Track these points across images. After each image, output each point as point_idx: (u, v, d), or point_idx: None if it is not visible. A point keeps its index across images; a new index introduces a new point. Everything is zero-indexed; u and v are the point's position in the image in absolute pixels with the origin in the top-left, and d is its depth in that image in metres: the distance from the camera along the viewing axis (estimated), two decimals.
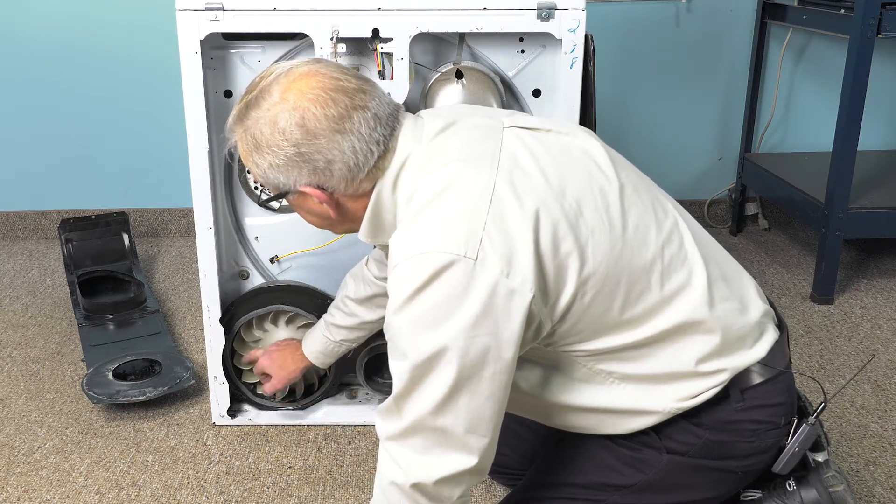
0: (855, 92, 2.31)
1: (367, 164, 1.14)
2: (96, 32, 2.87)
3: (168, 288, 2.67)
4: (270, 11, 1.60)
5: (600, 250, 1.11)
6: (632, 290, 1.13)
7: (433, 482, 1.10)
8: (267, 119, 1.13)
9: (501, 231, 1.06)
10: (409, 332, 1.06)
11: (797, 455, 1.24)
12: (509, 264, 1.05)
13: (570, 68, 1.64)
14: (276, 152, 1.13)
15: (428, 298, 1.04)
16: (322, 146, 1.11)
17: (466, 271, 1.03)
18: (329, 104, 1.11)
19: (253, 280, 1.87)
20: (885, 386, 2.04)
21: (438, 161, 1.14)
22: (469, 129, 1.19)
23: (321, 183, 1.15)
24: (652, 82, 2.97)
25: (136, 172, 3.05)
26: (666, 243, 1.17)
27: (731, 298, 1.20)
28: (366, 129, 1.12)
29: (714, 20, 2.91)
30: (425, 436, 1.10)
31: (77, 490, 1.70)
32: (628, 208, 1.16)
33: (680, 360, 1.17)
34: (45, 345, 2.29)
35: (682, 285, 1.16)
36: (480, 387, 1.07)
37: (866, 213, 2.45)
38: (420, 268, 1.04)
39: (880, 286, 2.60)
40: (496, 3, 1.60)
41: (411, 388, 1.08)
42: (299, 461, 1.78)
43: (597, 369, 1.19)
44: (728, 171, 3.09)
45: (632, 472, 1.24)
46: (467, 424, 1.09)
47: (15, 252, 2.98)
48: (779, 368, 1.21)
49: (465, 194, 1.09)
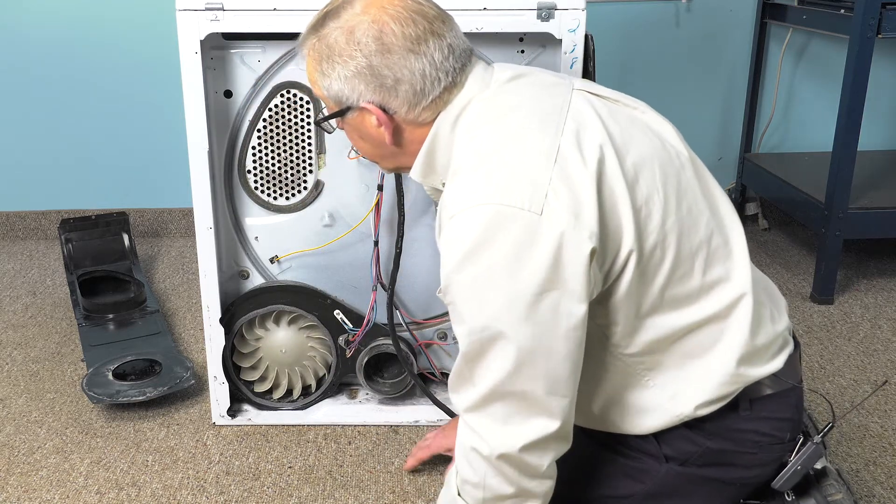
0: (855, 92, 2.31)
1: (433, 93, 1.12)
2: (96, 32, 2.87)
3: (168, 288, 2.67)
4: (270, 11, 1.60)
5: (654, 220, 1.09)
6: (675, 271, 1.11)
7: (519, 450, 1.08)
8: (345, 28, 1.12)
9: (568, 187, 1.03)
10: (470, 292, 1.03)
11: (799, 473, 1.23)
12: (577, 217, 1.02)
13: (570, 68, 1.64)
14: (346, 62, 1.11)
15: (491, 255, 1.01)
16: (394, 63, 1.10)
17: (532, 225, 1.01)
18: (409, 23, 1.10)
19: (253, 280, 1.87)
20: (885, 386, 2.04)
21: (504, 110, 1.12)
22: (538, 86, 1.17)
23: (384, 102, 1.13)
24: (652, 82, 2.97)
25: (136, 172, 3.05)
26: (715, 232, 1.15)
27: (767, 304, 1.20)
28: (439, 56, 1.11)
29: (714, 20, 2.91)
30: (505, 402, 1.06)
31: (77, 490, 1.70)
32: (686, 189, 1.14)
33: (701, 362, 1.15)
34: (45, 345, 2.29)
35: (723, 277, 1.14)
36: (556, 346, 1.04)
37: (866, 213, 2.45)
38: (482, 220, 1.02)
39: (880, 286, 2.59)
40: (496, 3, 1.59)
41: (481, 353, 1.05)
42: (299, 461, 1.78)
43: (630, 362, 1.17)
44: (728, 171, 3.09)
45: (631, 484, 1.23)
46: (548, 386, 1.05)
47: (15, 252, 2.98)
48: (790, 383, 1.21)
49: (532, 149, 1.06)
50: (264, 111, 1.74)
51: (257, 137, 1.76)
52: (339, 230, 1.82)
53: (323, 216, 1.81)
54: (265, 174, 1.79)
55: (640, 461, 1.23)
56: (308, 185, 1.80)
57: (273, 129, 1.76)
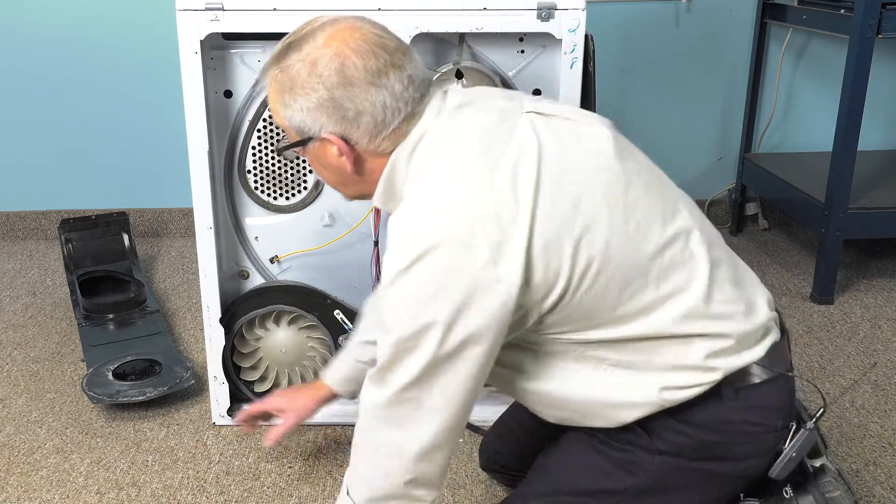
0: (855, 92, 2.31)
1: (393, 124, 1.15)
2: (96, 32, 2.87)
3: (168, 288, 2.67)
4: (270, 11, 1.60)
5: (596, 246, 1.12)
6: (626, 288, 1.14)
7: (410, 452, 1.14)
8: (307, 61, 1.14)
9: (495, 222, 1.08)
10: (396, 307, 1.10)
11: (794, 461, 1.23)
12: (498, 254, 1.07)
13: (570, 68, 1.64)
14: (309, 94, 1.14)
15: (416, 278, 1.07)
16: (355, 95, 1.13)
17: (454, 255, 1.06)
18: (370, 56, 1.12)
19: (253, 280, 1.87)
20: (885, 386, 2.04)
21: (451, 141, 1.16)
22: (486, 112, 1.20)
23: (345, 133, 1.16)
24: (652, 82, 2.97)
25: (136, 172, 3.05)
26: (669, 243, 1.16)
27: (737, 302, 1.20)
28: (399, 87, 1.14)
29: (714, 20, 2.92)
30: (402, 407, 1.13)
31: (77, 490, 1.70)
32: (632, 204, 1.16)
33: (671, 353, 1.17)
34: (45, 345, 2.29)
35: (681, 287, 1.16)
36: (457, 366, 1.10)
37: (866, 213, 2.45)
38: (411, 247, 1.07)
39: (880, 286, 2.60)
40: (496, 3, 1.60)
41: (395, 361, 1.11)
42: (299, 461, 1.78)
43: (588, 354, 1.19)
44: (728, 171, 3.09)
45: (624, 476, 1.23)
46: (442, 400, 1.12)
47: (15, 252, 2.98)
48: (777, 371, 1.21)
49: (467, 183, 1.11)
50: (264, 111, 1.74)
51: (257, 137, 1.76)
52: (339, 230, 1.82)
53: (323, 216, 1.81)
54: (265, 174, 1.79)
55: (632, 454, 1.23)
56: (308, 185, 1.80)
57: (273, 129, 1.76)
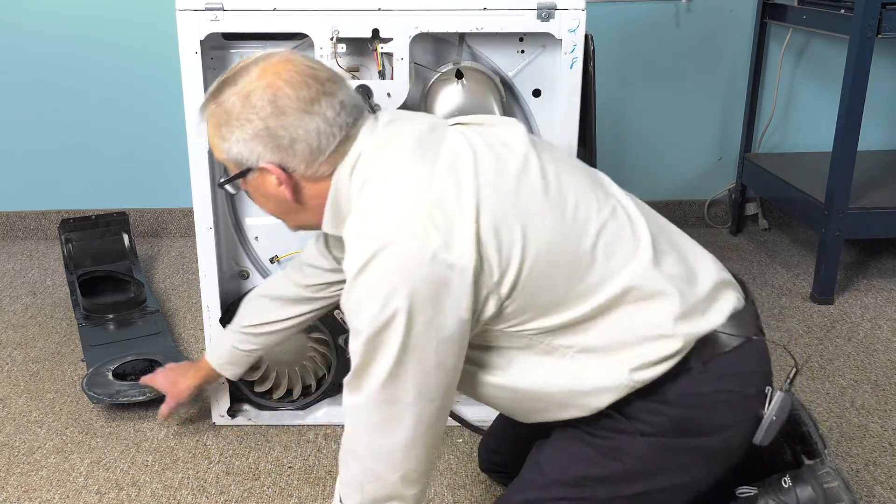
0: (855, 92, 2.31)
1: (329, 148, 1.19)
2: (96, 32, 2.87)
3: (168, 288, 2.67)
4: (270, 11, 1.60)
5: (541, 232, 1.15)
6: (576, 267, 1.17)
7: (393, 453, 1.15)
8: (241, 94, 1.18)
9: (441, 212, 1.11)
10: (359, 308, 1.12)
11: (776, 424, 1.23)
12: (448, 240, 1.10)
13: (570, 68, 1.64)
14: (244, 126, 1.18)
15: (372, 276, 1.10)
16: (289, 123, 1.17)
17: (408, 246, 1.09)
18: (302, 86, 1.17)
19: (253, 280, 1.87)
20: (885, 386, 2.04)
21: (388, 149, 1.20)
22: (417, 122, 1.25)
23: (282, 161, 1.19)
24: (652, 82, 2.97)
25: (136, 172, 3.05)
26: (609, 220, 1.21)
27: (680, 268, 1.23)
28: (331, 113, 1.18)
29: (714, 20, 2.92)
30: (381, 408, 1.14)
31: (77, 490, 1.70)
32: (565, 190, 1.21)
33: (631, 326, 1.19)
34: (45, 345, 2.29)
35: (628, 257, 1.19)
36: (427, 357, 1.12)
37: (866, 213, 2.46)
38: (364, 249, 1.10)
39: (880, 286, 2.60)
40: (496, 3, 1.60)
41: (368, 362, 1.13)
42: (299, 461, 1.78)
43: (554, 345, 1.21)
44: (728, 171, 3.09)
45: (610, 462, 1.24)
46: (417, 392, 1.13)
47: (15, 252, 2.98)
48: (744, 336, 1.22)
49: (408, 181, 1.15)
50: None
51: None
52: None
53: None
54: None
55: (615, 440, 1.24)
56: None
57: None
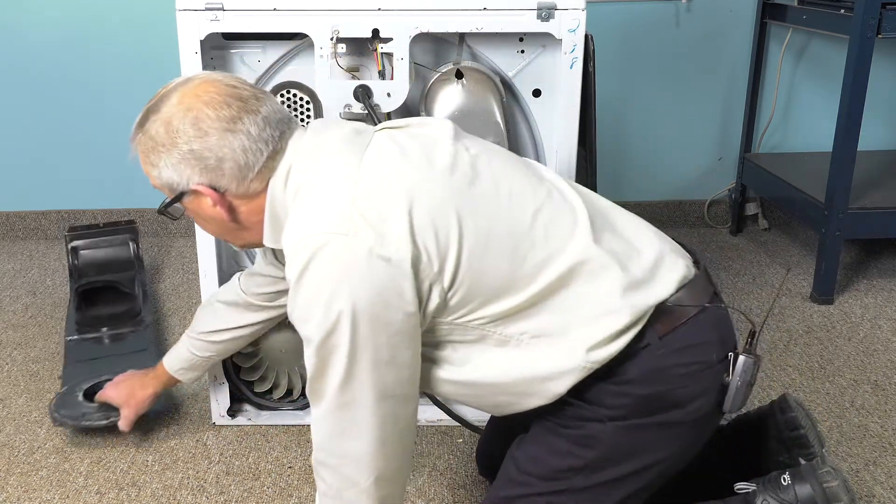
0: (855, 92, 2.31)
1: (258, 163, 1.20)
2: (97, 32, 2.87)
3: (168, 288, 2.67)
4: (270, 11, 1.60)
5: (476, 217, 1.16)
6: (516, 250, 1.17)
7: (364, 457, 1.16)
8: (164, 120, 1.20)
9: (371, 206, 1.12)
10: (304, 316, 1.12)
11: (742, 390, 1.23)
12: (382, 234, 1.10)
13: (570, 68, 1.64)
14: (170, 150, 1.20)
15: (312, 281, 1.10)
16: (213, 144, 1.18)
17: (342, 246, 1.09)
18: (222, 106, 1.18)
19: None
20: (885, 386, 2.04)
21: (316, 154, 1.21)
22: (343, 127, 1.27)
23: (213, 182, 1.21)
24: (652, 82, 2.97)
25: (137, 172, 2.99)
26: (545, 201, 1.22)
27: (619, 243, 1.23)
28: (255, 130, 1.19)
29: (714, 20, 2.92)
30: (342, 413, 1.15)
31: (77, 490, 1.70)
32: (498, 176, 1.22)
33: (578, 305, 1.19)
34: (45, 345, 2.29)
35: (567, 237, 1.20)
36: (380, 355, 1.12)
37: (866, 213, 2.45)
38: (301, 254, 1.11)
39: (880, 286, 2.60)
40: (496, 3, 1.60)
41: (322, 368, 1.13)
42: (299, 461, 1.78)
43: (507, 334, 1.21)
44: (728, 171, 3.09)
45: (584, 451, 1.24)
46: (375, 392, 1.13)
47: (15, 252, 2.98)
48: (697, 305, 1.22)
49: (335, 181, 1.16)
50: None
51: None
52: None
53: None
54: None
55: (585, 428, 1.24)
56: None
57: None
